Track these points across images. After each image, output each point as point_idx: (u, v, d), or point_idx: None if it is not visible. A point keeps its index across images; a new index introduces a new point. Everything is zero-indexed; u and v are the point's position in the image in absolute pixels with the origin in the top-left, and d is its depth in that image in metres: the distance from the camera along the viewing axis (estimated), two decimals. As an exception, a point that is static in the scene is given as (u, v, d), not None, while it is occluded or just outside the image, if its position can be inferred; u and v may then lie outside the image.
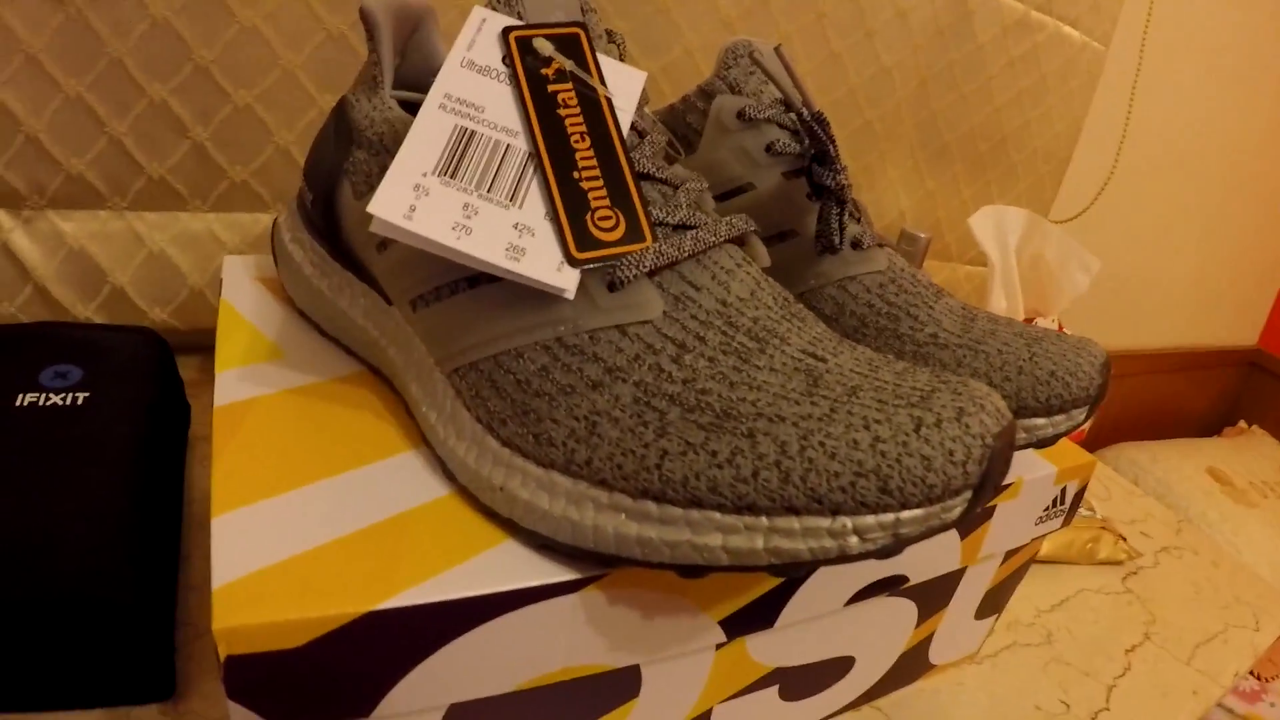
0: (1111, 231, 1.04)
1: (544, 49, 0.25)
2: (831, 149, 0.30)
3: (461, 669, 0.22)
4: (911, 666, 0.39)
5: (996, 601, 0.42)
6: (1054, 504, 0.38)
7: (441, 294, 0.25)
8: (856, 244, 0.31)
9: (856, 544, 0.20)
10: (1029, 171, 0.79)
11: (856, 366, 0.23)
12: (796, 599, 0.28)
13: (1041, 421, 0.30)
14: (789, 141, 0.32)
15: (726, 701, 0.31)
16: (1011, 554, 0.40)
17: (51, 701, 0.29)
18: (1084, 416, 0.31)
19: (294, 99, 0.48)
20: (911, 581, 0.32)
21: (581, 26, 0.26)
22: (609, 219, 0.23)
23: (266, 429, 0.26)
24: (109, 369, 0.38)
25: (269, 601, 0.20)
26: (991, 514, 0.34)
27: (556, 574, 0.22)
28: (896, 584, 0.32)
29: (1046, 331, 0.32)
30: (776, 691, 0.33)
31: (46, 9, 0.41)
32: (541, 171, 0.23)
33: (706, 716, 0.31)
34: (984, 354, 0.30)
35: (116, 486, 0.32)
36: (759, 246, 0.27)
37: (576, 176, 0.23)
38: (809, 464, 0.19)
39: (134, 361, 0.40)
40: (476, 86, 0.24)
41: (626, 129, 0.25)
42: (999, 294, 0.66)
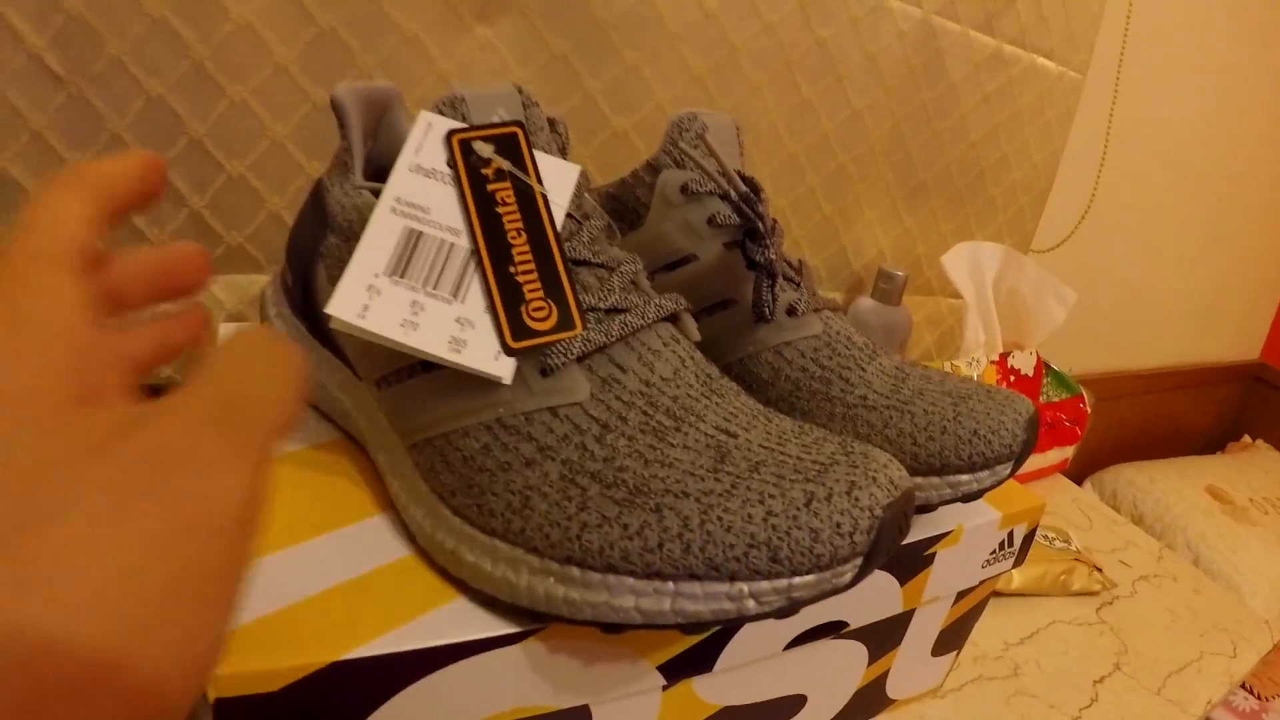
0: (1102, 255, 1.06)
1: (484, 150, 0.28)
2: (762, 225, 0.32)
3: (420, 711, 0.25)
4: (868, 702, 0.41)
5: (955, 638, 0.44)
6: (1001, 547, 0.40)
7: (401, 376, 0.28)
8: (792, 311, 0.34)
9: (753, 606, 0.22)
10: (1009, 204, 0.81)
11: (765, 441, 0.25)
12: (734, 644, 0.30)
13: (965, 477, 0.32)
14: (730, 214, 0.35)
15: (678, 739, 0.33)
16: (964, 594, 0.41)
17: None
18: (1008, 471, 0.33)
19: (283, 167, 0.51)
20: (852, 626, 0.34)
21: (520, 125, 0.29)
22: (542, 309, 0.26)
23: (247, 497, 0.29)
24: None
25: (251, 651, 0.23)
26: (932, 561, 0.36)
27: (501, 627, 0.25)
28: (836, 629, 0.34)
29: (976, 389, 0.34)
30: (729, 729, 0.35)
31: (49, 88, 0.45)
32: (480, 268, 0.26)
33: (660, 753, 0.33)
34: (910, 414, 0.32)
35: None
36: (689, 323, 0.30)
37: (513, 271, 0.26)
38: (707, 536, 0.22)
39: None
40: (423, 189, 0.27)
41: (561, 221, 0.28)
42: (975, 328, 0.68)
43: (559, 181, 0.28)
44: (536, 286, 0.26)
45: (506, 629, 0.25)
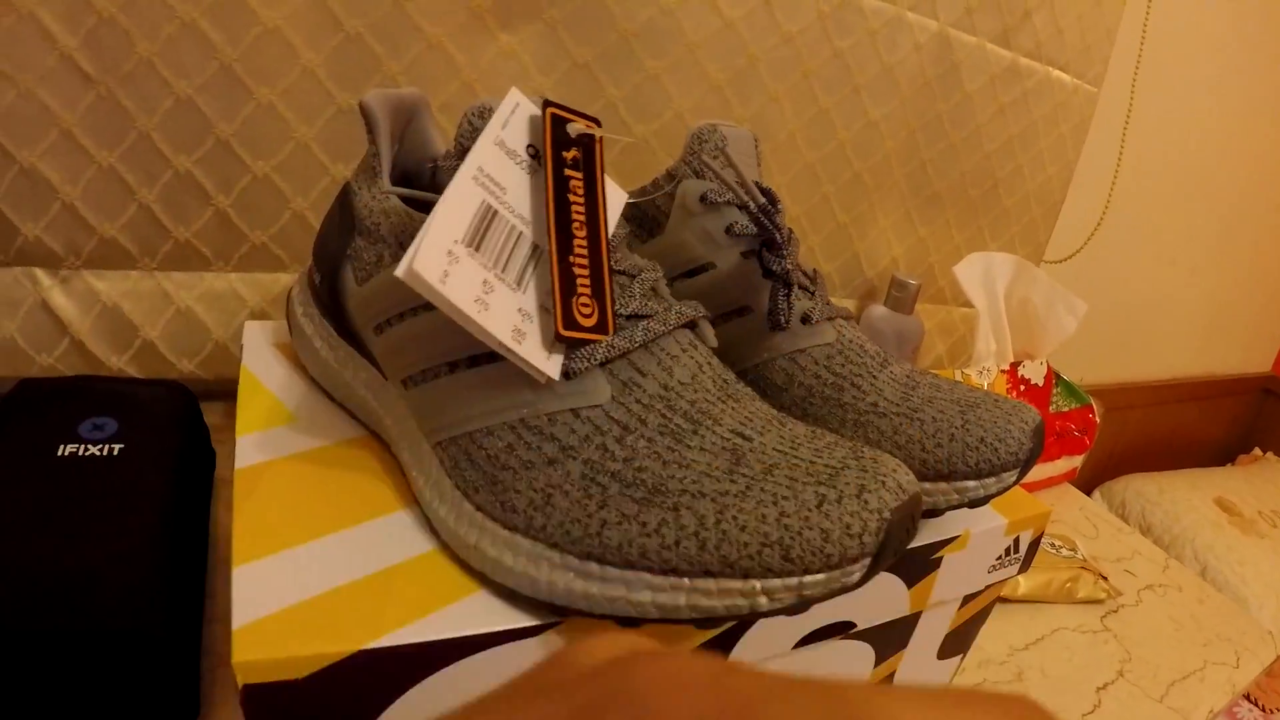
0: (1114, 266, 1.06)
1: (573, 130, 0.28)
2: (779, 235, 0.33)
3: (441, 699, 0.26)
4: (874, 701, 0.42)
5: (960, 642, 0.44)
6: (1007, 553, 0.41)
7: (428, 375, 0.29)
8: (806, 319, 0.35)
9: (765, 603, 0.23)
10: (1022, 214, 0.81)
11: (779, 445, 0.26)
12: (745, 642, 0.31)
13: (972, 484, 0.33)
14: (747, 224, 0.36)
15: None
16: (970, 598, 0.42)
17: (92, 724, 0.33)
18: (1014, 479, 0.34)
19: (308, 169, 0.53)
20: (860, 627, 0.35)
21: (598, 124, 0.29)
22: (587, 307, 0.27)
23: (279, 490, 0.30)
24: (142, 422, 0.42)
25: (279, 639, 0.24)
26: (939, 564, 0.37)
27: (520, 620, 0.26)
28: (845, 629, 0.35)
29: (984, 398, 0.35)
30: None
31: (79, 87, 0.46)
32: (546, 251, 0.26)
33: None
34: (919, 421, 0.33)
35: (150, 531, 0.36)
36: (707, 329, 0.31)
37: (571, 261, 0.27)
38: (722, 535, 0.23)
39: (165, 414, 0.44)
40: (502, 168, 0.27)
41: (613, 229, 0.29)
42: (986, 338, 0.69)
43: (612, 200, 0.29)
44: (587, 284, 0.27)
45: (526, 622, 0.26)
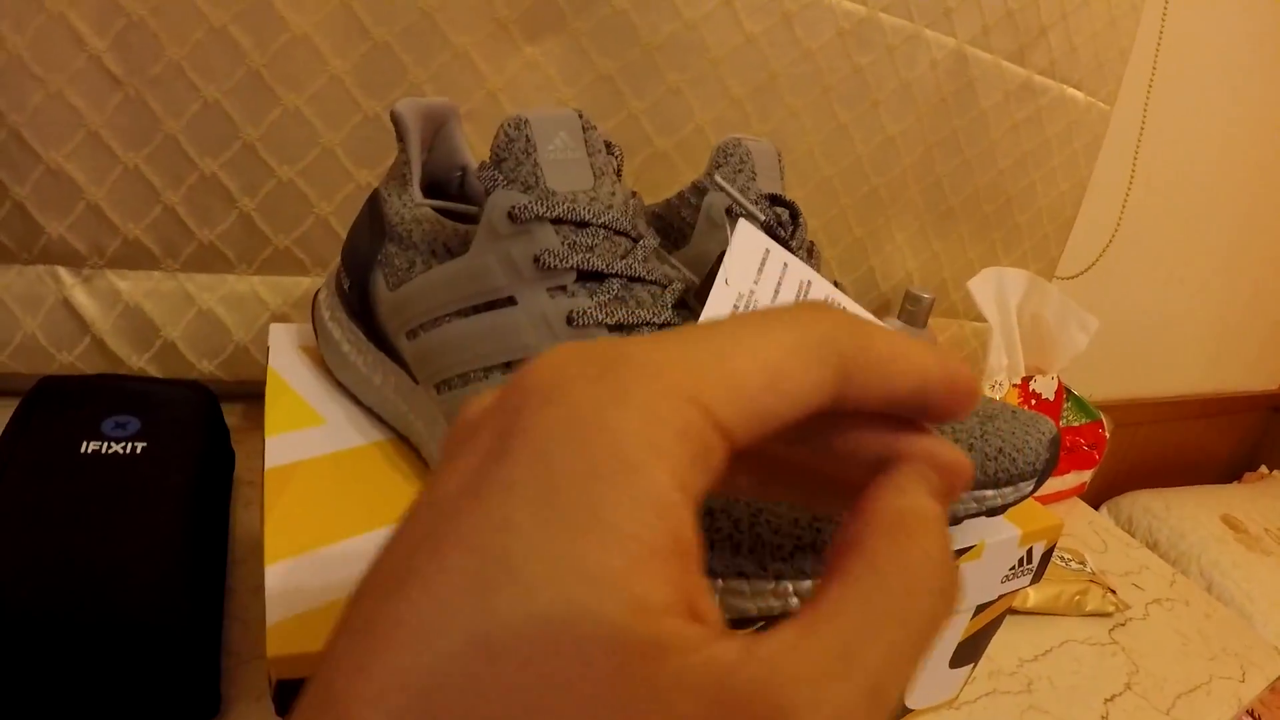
0: (1124, 283, 1.07)
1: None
2: (792, 248, 0.34)
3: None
4: (887, 708, 0.43)
5: (972, 651, 0.45)
6: (1020, 564, 0.41)
7: (463, 381, 0.30)
8: (830, 330, 0.36)
9: (797, 604, 0.24)
10: (1034, 230, 0.82)
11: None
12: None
13: (990, 493, 0.33)
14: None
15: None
16: (982, 608, 0.43)
17: (113, 718, 0.32)
18: (1031, 489, 0.34)
19: (333, 174, 0.53)
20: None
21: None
22: None
23: (309, 491, 0.31)
24: (164, 420, 0.42)
25: (311, 636, 0.24)
26: (954, 572, 0.37)
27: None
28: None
29: (1002, 409, 0.36)
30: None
31: (106, 89, 0.46)
32: None
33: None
34: (939, 431, 0.34)
35: (172, 528, 0.36)
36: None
37: None
38: (756, 538, 0.24)
39: (186, 414, 0.44)
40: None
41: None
42: (999, 352, 0.70)
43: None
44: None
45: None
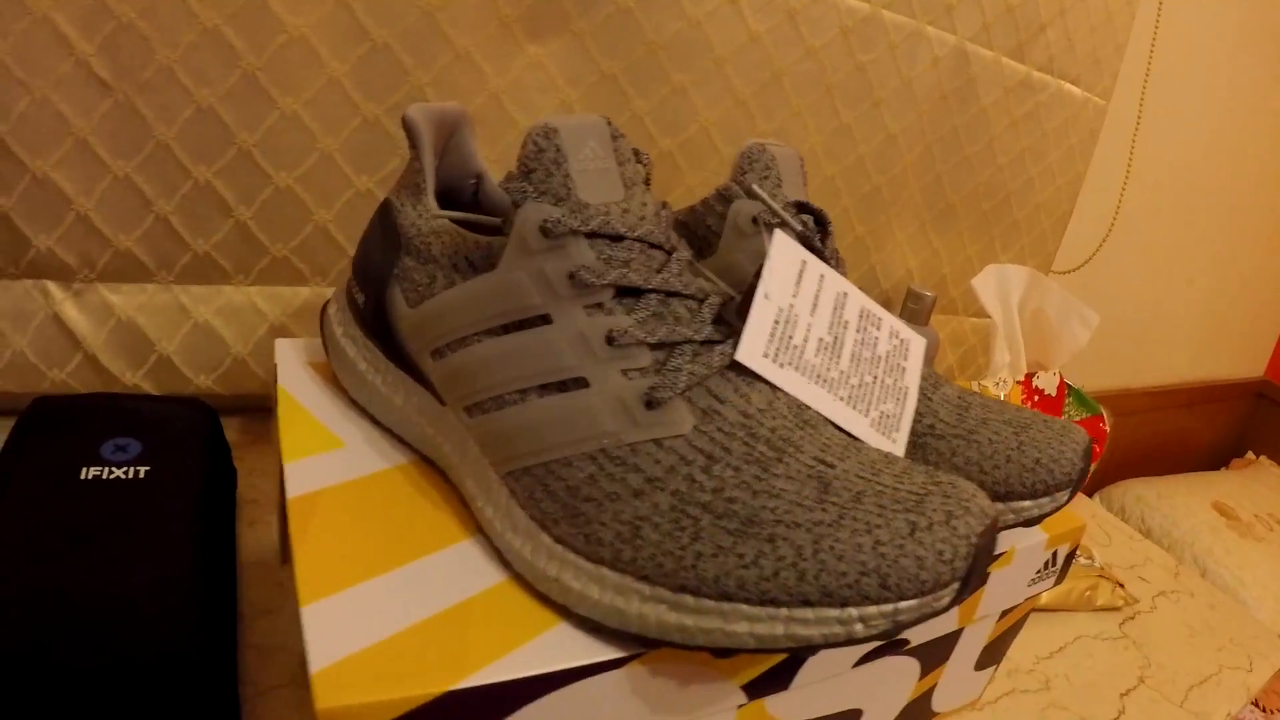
0: (1116, 276, 1.08)
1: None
2: (824, 257, 0.34)
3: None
4: (916, 715, 0.43)
5: (996, 653, 0.45)
6: (1046, 566, 0.41)
7: (496, 404, 0.29)
8: (862, 341, 0.35)
9: (861, 630, 0.23)
10: (1032, 226, 0.83)
11: (861, 471, 0.26)
12: (810, 663, 0.32)
13: (1028, 504, 0.33)
14: (801, 247, 0.36)
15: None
16: (1007, 612, 0.43)
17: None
18: (1066, 498, 0.34)
19: (332, 180, 0.52)
20: (913, 643, 0.36)
21: None
22: None
23: (336, 521, 0.30)
24: (165, 442, 0.40)
25: (362, 683, 0.23)
26: (985, 580, 0.37)
27: (606, 653, 0.26)
28: (899, 646, 0.35)
29: (1034, 418, 0.36)
30: (792, 742, 0.36)
31: (94, 95, 0.44)
32: None
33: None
34: (976, 443, 0.33)
35: (179, 555, 0.34)
36: (775, 355, 0.31)
37: None
38: (821, 565, 0.23)
39: (189, 435, 0.42)
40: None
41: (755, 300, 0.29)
42: (1002, 349, 0.70)
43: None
44: None
45: (612, 654, 0.26)
